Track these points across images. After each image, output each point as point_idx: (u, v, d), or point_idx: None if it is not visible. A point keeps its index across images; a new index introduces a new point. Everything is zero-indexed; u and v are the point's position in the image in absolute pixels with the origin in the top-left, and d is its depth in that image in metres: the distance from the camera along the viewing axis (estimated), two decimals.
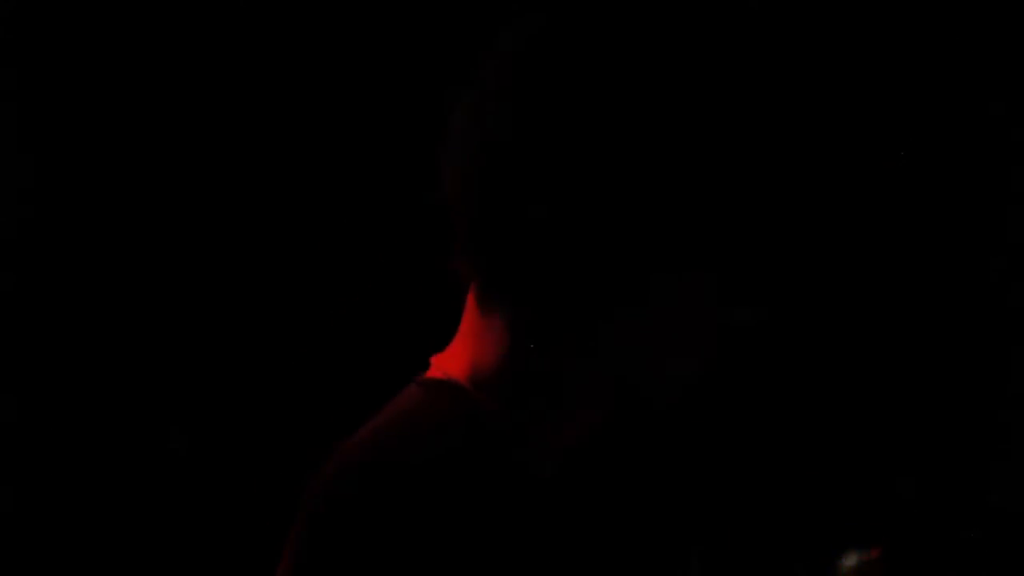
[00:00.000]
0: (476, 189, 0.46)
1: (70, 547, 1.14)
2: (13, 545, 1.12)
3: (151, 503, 1.14)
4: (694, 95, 0.44)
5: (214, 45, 1.23)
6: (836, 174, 0.58)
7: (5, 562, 1.15)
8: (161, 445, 1.14)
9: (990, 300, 1.60)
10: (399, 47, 1.20)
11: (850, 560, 1.48)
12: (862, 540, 1.36)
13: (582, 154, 0.43)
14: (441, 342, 0.50)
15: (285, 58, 1.15)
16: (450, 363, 0.49)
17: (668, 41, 0.44)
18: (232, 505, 1.10)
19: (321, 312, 0.96)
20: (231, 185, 1.16)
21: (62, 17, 1.22)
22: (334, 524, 0.43)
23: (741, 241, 0.45)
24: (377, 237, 0.94)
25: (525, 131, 0.44)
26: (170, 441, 1.09)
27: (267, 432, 0.99)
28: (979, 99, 1.52)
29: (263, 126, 1.19)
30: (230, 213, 1.13)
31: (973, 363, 1.53)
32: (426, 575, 0.43)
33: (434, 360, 0.50)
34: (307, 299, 0.98)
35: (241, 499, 1.09)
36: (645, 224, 0.43)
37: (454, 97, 0.48)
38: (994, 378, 1.52)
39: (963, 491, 1.39)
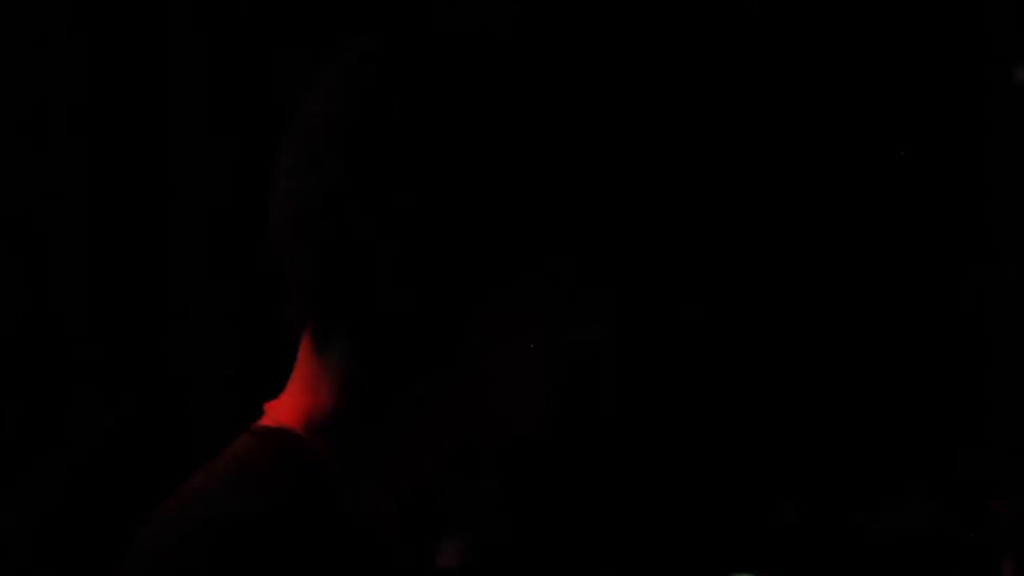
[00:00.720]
0: (306, 232, 0.45)
1: None
2: None
3: None
4: (510, 143, 0.44)
5: None
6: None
7: None
8: None
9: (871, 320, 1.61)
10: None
11: None
12: (749, 565, 1.38)
13: (413, 200, 0.43)
14: (275, 389, 0.48)
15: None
16: (284, 411, 0.47)
17: (484, 93, 0.45)
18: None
19: (150, 356, 0.92)
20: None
21: None
22: None
23: (570, 268, 0.46)
24: (211, 280, 0.91)
25: (356, 177, 0.43)
26: None
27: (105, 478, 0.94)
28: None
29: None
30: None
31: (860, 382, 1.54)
32: None
33: (268, 407, 0.48)
34: (139, 343, 0.94)
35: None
36: (476, 267, 0.44)
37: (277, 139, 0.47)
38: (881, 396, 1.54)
39: (846, 516, 1.39)
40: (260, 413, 0.48)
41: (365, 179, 0.43)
